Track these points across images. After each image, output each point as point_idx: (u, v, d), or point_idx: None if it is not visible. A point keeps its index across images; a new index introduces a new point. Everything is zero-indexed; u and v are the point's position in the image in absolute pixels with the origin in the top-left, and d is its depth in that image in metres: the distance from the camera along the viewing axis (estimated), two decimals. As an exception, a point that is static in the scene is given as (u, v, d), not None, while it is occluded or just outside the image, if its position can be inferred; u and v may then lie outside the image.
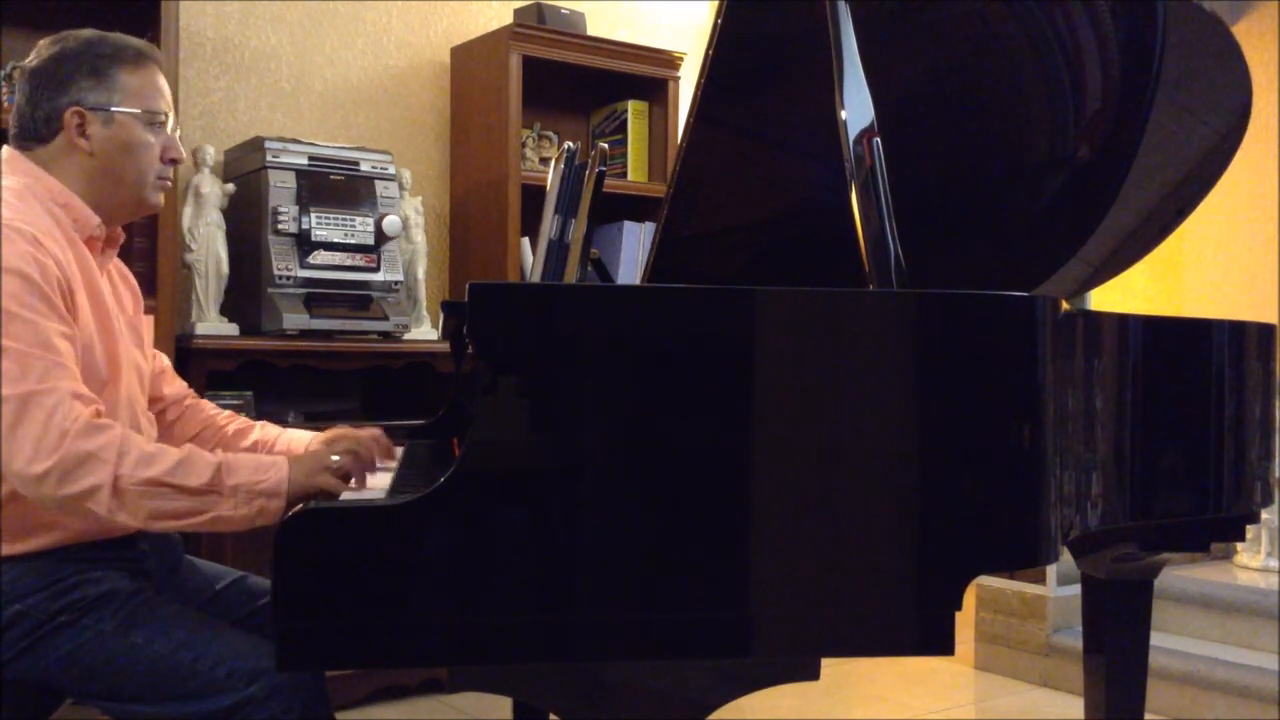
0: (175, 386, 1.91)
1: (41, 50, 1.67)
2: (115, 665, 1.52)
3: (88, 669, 1.52)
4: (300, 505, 1.41)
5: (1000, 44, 2.04)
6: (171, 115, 1.71)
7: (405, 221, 3.26)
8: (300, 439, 1.86)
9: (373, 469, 1.66)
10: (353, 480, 1.57)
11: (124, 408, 1.65)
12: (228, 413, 1.93)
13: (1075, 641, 3.24)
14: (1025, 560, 1.43)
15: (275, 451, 1.85)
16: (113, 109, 1.64)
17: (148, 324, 1.80)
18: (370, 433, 1.76)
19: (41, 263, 1.50)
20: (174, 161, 1.72)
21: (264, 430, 1.90)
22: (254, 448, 1.87)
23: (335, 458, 1.54)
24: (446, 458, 1.89)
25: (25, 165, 1.64)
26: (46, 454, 1.41)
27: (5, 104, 2.89)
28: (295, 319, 2.97)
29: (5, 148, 1.68)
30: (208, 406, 1.93)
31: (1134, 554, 2.10)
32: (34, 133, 1.65)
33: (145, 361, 1.77)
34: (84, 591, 1.55)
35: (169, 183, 1.74)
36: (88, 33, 1.69)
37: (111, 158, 1.65)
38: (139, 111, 1.66)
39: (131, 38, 1.72)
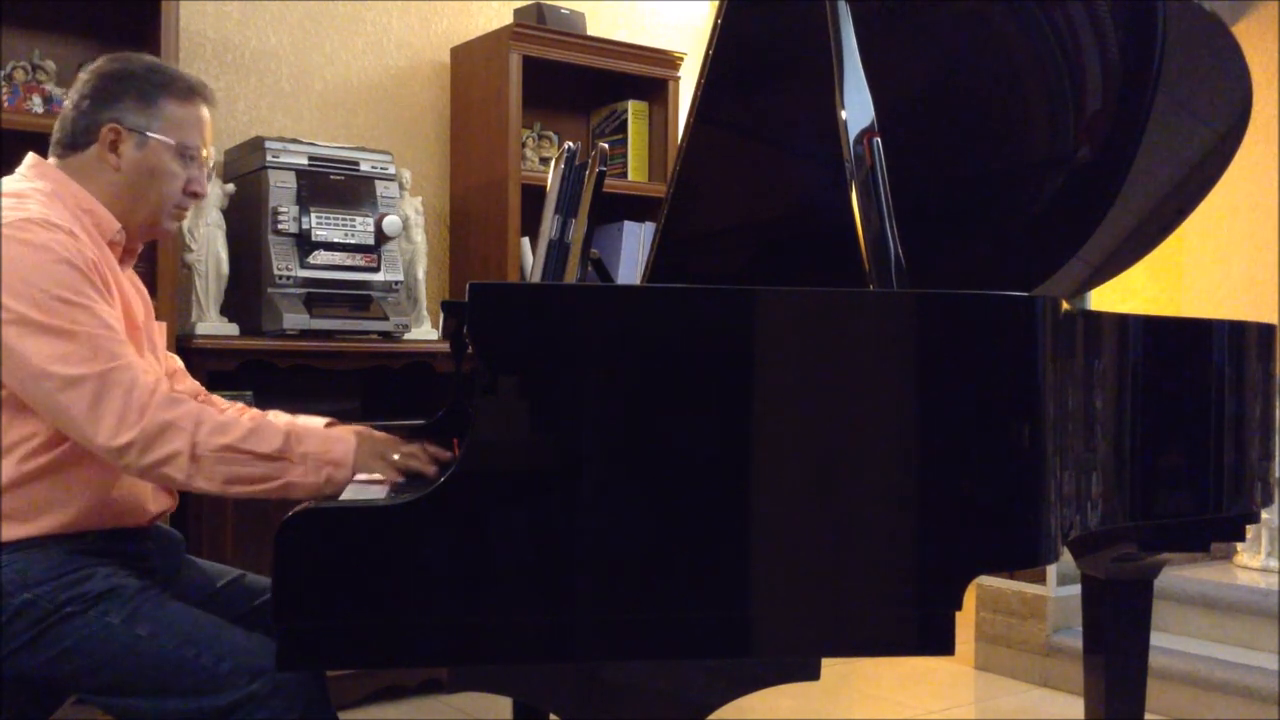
0: (187, 385, 1.95)
1: (102, 64, 1.73)
2: (120, 659, 1.52)
3: (92, 661, 1.53)
4: (302, 504, 1.41)
5: (1000, 44, 2.04)
6: (207, 153, 1.77)
7: (405, 221, 3.26)
8: (313, 425, 1.88)
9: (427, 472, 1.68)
10: (418, 470, 1.59)
11: None
12: (238, 405, 1.95)
13: (1075, 641, 3.24)
14: (1025, 560, 1.43)
15: None
16: (149, 134, 1.70)
17: (159, 329, 1.84)
18: (382, 437, 1.81)
19: (84, 254, 1.57)
20: (195, 195, 1.77)
21: (275, 418, 1.91)
22: None
23: (397, 456, 1.58)
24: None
25: (50, 171, 1.70)
26: (130, 426, 1.49)
27: (5, 104, 2.89)
28: (295, 319, 2.97)
29: (29, 155, 1.73)
30: (219, 402, 1.96)
31: (1134, 554, 2.10)
32: (71, 138, 1.71)
33: (158, 365, 1.80)
34: (92, 584, 1.56)
35: (185, 213, 1.81)
36: (150, 59, 1.76)
37: (137, 179, 1.71)
38: (173, 143, 1.71)
39: (189, 74, 1.79)
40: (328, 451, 1.53)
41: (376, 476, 1.67)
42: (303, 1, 3.54)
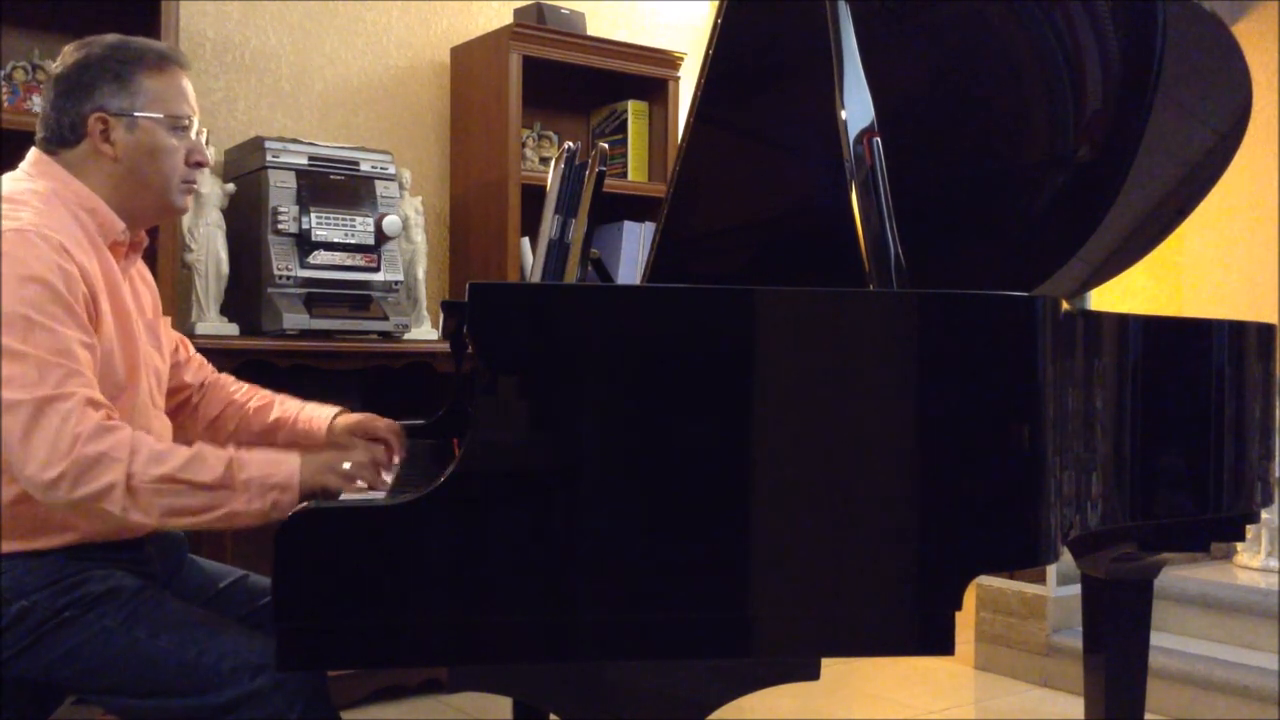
0: (196, 373, 1.93)
1: (66, 56, 1.68)
2: (119, 661, 1.52)
3: (92, 664, 1.53)
4: (303, 504, 1.41)
5: (1000, 44, 2.04)
6: (196, 118, 1.72)
7: (405, 221, 3.26)
8: (322, 416, 1.88)
9: (387, 470, 1.67)
10: (367, 482, 1.56)
11: (140, 412, 1.66)
12: (247, 387, 1.94)
13: (1075, 641, 3.24)
14: (1025, 560, 1.43)
15: (297, 428, 1.88)
16: (135, 114, 1.65)
17: (165, 324, 1.82)
18: (387, 424, 1.85)
19: (66, 271, 1.51)
20: (199, 165, 1.72)
21: (284, 407, 1.92)
22: (275, 426, 1.89)
23: (347, 465, 1.54)
24: (446, 458, 1.89)
25: (52, 169, 1.65)
26: (59, 459, 1.42)
27: (5, 104, 2.89)
28: (295, 319, 2.97)
29: (32, 150, 1.69)
30: (228, 383, 1.94)
31: (1134, 554, 2.10)
32: (60, 138, 1.65)
33: (162, 363, 1.78)
34: (89, 588, 1.55)
35: (195, 185, 1.75)
36: (111, 38, 1.69)
37: (136, 162, 1.66)
38: (161, 116, 1.66)
39: (155, 42, 1.72)
40: (271, 476, 1.47)
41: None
42: (303, 1, 3.54)
